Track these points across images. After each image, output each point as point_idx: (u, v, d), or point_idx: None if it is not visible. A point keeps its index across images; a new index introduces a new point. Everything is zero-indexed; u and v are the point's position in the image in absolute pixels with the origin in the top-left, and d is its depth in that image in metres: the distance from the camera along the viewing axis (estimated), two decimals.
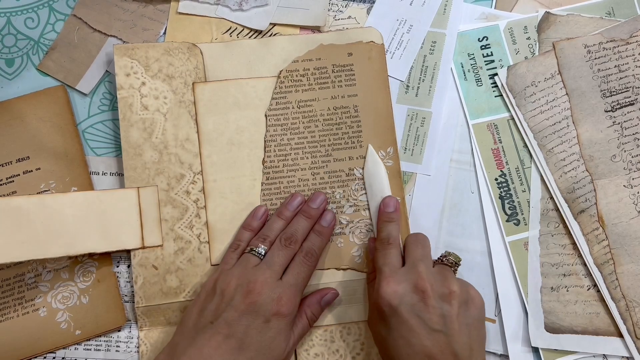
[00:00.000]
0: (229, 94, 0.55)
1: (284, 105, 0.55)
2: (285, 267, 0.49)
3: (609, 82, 0.56)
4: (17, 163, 0.54)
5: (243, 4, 0.58)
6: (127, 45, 0.55)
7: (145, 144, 0.54)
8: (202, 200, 0.54)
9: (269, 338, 0.46)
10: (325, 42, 0.56)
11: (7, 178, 0.54)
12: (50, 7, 0.59)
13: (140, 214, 0.53)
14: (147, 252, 0.53)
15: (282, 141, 0.55)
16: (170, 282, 0.52)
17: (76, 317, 0.52)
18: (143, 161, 0.54)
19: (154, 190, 0.53)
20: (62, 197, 0.51)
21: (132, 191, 0.53)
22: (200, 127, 0.55)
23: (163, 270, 0.52)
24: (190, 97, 0.55)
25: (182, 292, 0.52)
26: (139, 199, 0.53)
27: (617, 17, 0.58)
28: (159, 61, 0.55)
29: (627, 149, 0.55)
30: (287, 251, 0.50)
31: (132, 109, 0.54)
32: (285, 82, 0.55)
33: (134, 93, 0.54)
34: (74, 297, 0.53)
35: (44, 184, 0.54)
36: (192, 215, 0.53)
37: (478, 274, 0.54)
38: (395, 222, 0.51)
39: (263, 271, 0.48)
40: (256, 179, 0.54)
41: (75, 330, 0.52)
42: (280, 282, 0.48)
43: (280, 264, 0.49)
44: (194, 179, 0.54)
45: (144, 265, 0.52)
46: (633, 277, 0.52)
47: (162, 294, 0.52)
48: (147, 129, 0.54)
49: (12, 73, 0.57)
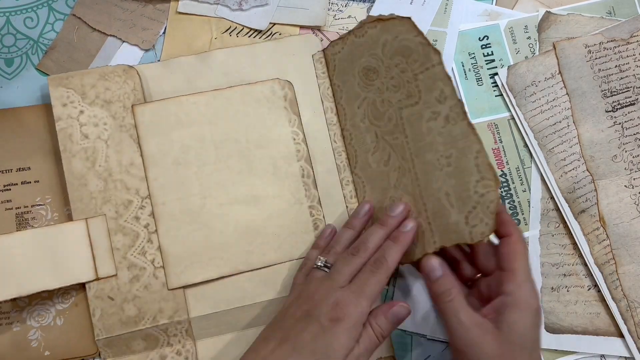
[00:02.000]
0: (170, 113, 0.54)
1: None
2: (354, 276, 0.46)
3: (610, 82, 0.55)
4: (18, 172, 0.54)
5: (243, 3, 0.58)
6: (61, 75, 0.54)
7: (89, 173, 0.53)
8: (152, 225, 0.53)
9: (324, 344, 0.42)
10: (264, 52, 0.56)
11: (4, 185, 0.54)
12: (50, 7, 0.58)
13: (90, 245, 0.52)
14: (101, 284, 0.51)
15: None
16: (128, 311, 0.51)
17: (48, 337, 0.52)
18: (89, 191, 0.52)
19: (103, 220, 0.52)
20: (7, 237, 0.50)
21: (80, 223, 0.52)
22: (144, 150, 0.53)
23: (120, 300, 0.51)
24: (130, 120, 0.54)
25: (142, 320, 0.51)
26: (87, 230, 0.52)
27: (618, 16, 0.57)
28: (95, 87, 0.54)
29: (628, 149, 0.55)
30: (354, 259, 0.46)
31: (72, 139, 0.53)
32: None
33: (72, 123, 0.53)
34: (50, 317, 0.52)
35: (39, 198, 0.54)
36: (144, 241, 0.52)
37: None
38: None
39: (323, 281, 0.46)
40: (206, 197, 0.53)
41: (45, 350, 0.52)
42: (341, 288, 0.45)
43: (345, 274, 0.45)
44: (142, 204, 0.53)
45: (100, 297, 0.51)
46: (634, 278, 0.52)
47: (122, 324, 0.51)
48: (89, 158, 0.53)
49: (11, 73, 0.57)
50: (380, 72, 0.53)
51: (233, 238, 0.53)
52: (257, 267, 0.53)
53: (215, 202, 0.53)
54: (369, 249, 0.47)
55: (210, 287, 0.53)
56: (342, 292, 0.44)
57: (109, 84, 0.54)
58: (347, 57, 0.55)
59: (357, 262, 0.46)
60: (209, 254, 0.53)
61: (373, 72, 0.53)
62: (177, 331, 0.52)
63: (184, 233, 0.53)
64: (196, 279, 0.52)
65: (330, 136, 0.56)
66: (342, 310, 0.43)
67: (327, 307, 0.43)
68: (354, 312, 0.43)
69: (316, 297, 0.45)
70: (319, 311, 0.43)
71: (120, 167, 0.53)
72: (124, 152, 0.53)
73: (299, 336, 0.43)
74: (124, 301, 0.52)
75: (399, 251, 0.46)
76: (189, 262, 0.52)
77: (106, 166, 0.53)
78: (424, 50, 0.49)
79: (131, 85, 0.54)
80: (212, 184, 0.54)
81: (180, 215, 0.53)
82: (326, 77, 0.56)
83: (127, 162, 0.53)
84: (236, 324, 0.53)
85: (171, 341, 0.52)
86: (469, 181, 0.47)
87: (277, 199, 0.54)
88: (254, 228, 0.53)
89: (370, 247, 0.47)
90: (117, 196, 0.53)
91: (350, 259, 0.46)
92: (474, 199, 0.46)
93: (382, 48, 0.52)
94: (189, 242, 0.53)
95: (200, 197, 0.53)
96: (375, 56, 0.53)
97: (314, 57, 0.57)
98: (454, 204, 0.47)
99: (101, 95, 0.54)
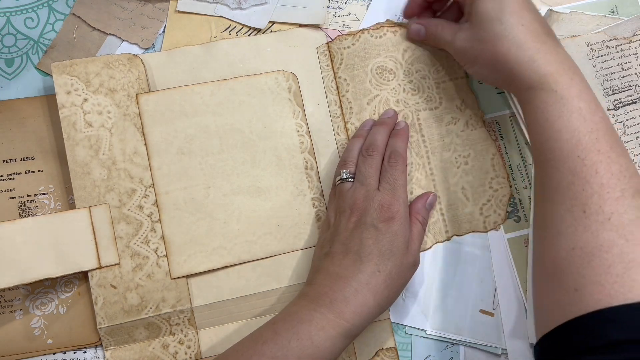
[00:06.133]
0: (175, 103, 0.54)
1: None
2: (379, 177, 0.50)
3: (612, 81, 0.56)
4: (22, 161, 0.54)
5: (242, 2, 0.57)
6: (65, 63, 0.54)
7: (93, 161, 0.53)
8: (156, 214, 0.53)
9: (386, 243, 0.46)
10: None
11: (8, 174, 0.54)
12: (50, 7, 0.58)
13: (94, 234, 0.52)
14: (104, 272, 0.52)
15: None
16: (131, 300, 0.51)
17: (51, 325, 0.52)
18: (92, 179, 0.53)
19: (106, 208, 0.52)
20: (11, 224, 0.51)
21: (83, 211, 0.52)
22: (148, 139, 0.54)
23: (122, 288, 0.51)
24: (134, 109, 0.54)
25: (144, 309, 0.51)
26: (91, 219, 0.52)
27: (621, 15, 0.58)
28: (100, 75, 0.54)
29: (630, 148, 0.55)
30: (372, 159, 0.50)
31: (75, 127, 0.53)
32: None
33: (76, 111, 0.53)
34: (52, 305, 0.53)
35: (42, 187, 0.54)
36: (147, 230, 0.52)
37: (478, 268, 0.54)
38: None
39: (358, 190, 0.49)
40: (210, 187, 0.54)
41: (48, 339, 0.52)
42: (377, 191, 0.48)
43: (371, 175, 0.49)
44: (145, 193, 0.53)
45: (103, 285, 0.51)
46: None
47: (124, 313, 0.51)
48: (93, 147, 0.53)
49: (11, 73, 0.57)
50: (397, 74, 0.56)
51: (236, 228, 0.53)
52: (260, 257, 0.53)
53: (219, 192, 0.54)
54: (380, 146, 0.51)
55: (214, 276, 0.53)
56: (380, 194, 0.48)
57: (113, 72, 0.54)
58: (358, 54, 0.56)
59: (376, 160, 0.50)
60: (213, 244, 0.53)
61: (389, 72, 0.56)
62: (179, 320, 0.52)
63: (187, 222, 0.53)
64: (199, 268, 0.52)
65: (333, 129, 0.56)
66: (390, 209, 0.47)
67: (375, 212, 0.47)
68: (399, 208, 0.47)
69: (359, 206, 0.48)
70: (370, 217, 0.47)
71: (124, 156, 0.53)
72: (127, 141, 0.54)
73: (361, 244, 0.46)
74: (126, 290, 0.52)
75: (405, 141, 0.52)
76: (192, 251, 0.53)
77: (110, 155, 0.53)
78: (449, 62, 0.56)
79: (135, 74, 0.55)
80: (216, 174, 0.54)
81: (184, 205, 0.53)
82: (330, 70, 0.57)
83: (131, 150, 0.53)
84: (239, 314, 0.53)
85: (173, 330, 0.52)
86: (485, 178, 0.55)
87: (281, 190, 0.54)
88: (257, 219, 0.54)
89: (380, 145, 0.51)
90: (121, 185, 0.53)
91: (370, 160, 0.50)
92: (488, 193, 0.55)
93: (402, 53, 0.57)
94: (193, 232, 0.53)
95: (204, 187, 0.54)
96: (394, 59, 0.56)
97: (318, 50, 0.57)
98: (470, 197, 0.55)
99: (105, 83, 0.54)
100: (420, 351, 0.54)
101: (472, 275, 0.54)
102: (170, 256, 0.52)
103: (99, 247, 0.52)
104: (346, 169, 0.51)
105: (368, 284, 0.45)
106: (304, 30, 0.58)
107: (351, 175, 0.50)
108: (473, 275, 0.54)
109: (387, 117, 0.54)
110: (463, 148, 0.56)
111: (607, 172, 0.41)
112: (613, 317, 0.37)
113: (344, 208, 0.49)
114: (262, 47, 0.57)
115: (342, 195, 0.50)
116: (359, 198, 0.48)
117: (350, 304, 0.44)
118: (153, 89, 0.55)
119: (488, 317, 0.53)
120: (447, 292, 0.54)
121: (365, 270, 0.45)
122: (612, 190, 0.41)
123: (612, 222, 0.40)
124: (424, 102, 0.56)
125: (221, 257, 0.53)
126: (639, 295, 0.37)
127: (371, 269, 0.45)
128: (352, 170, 0.51)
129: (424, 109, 0.56)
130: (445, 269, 0.54)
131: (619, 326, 0.37)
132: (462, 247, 0.55)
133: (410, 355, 0.53)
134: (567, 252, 0.41)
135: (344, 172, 0.51)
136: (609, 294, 0.38)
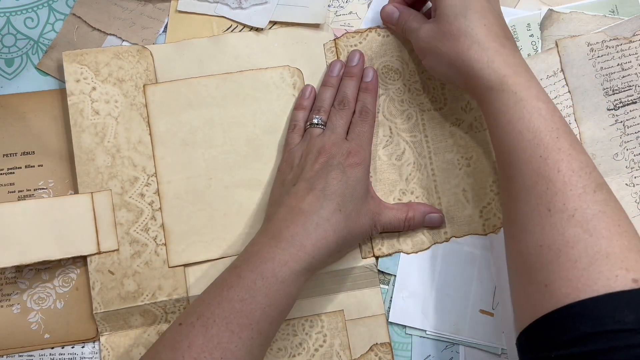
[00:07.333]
0: (181, 94, 0.55)
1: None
2: (347, 129, 0.53)
3: (612, 81, 0.56)
4: (22, 156, 0.55)
5: (242, 1, 0.58)
6: (76, 52, 0.55)
7: (98, 148, 0.54)
8: (157, 203, 0.53)
9: (350, 186, 0.49)
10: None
11: (8, 169, 0.55)
12: (50, 7, 0.58)
13: (94, 219, 0.52)
14: (103, 258, 0.52)
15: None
16: (128, 287, 0.52)
17: (48, 320, 0.52)
18: (96, 166, 0.53)
19: (108, 195, 0.53)
20: (12, 205, 0.51)
21: (85, 196, 0.53)
22: (153, 129, 0.55)
23: (120, 274, 0.52)
24: (141, 99, 0.55)
25: (141, 296, 0.52)
26: (93, 204, 0.52)
27: (621, 15, 0.58)
28: (109, 65, 0.55)
29: (630, 148, 0.55)
30: (343, 113, 0.53)
31: (83, 114, 0.54)
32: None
33: (84, 99, 0.54)
34: (50, 300, 0.53)
35: (42, 182, 0.55)
36: (147, 218, 0.53)
37: (478, 268, 0.54)
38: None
39: (329, 136, 0.51)
40: (211, 178, 0.54)
41: (45, 333, 0.52)
42: (346, 140, 0.52)
43: (341, 126, 0.52)
44: (148, 181, 0.54)
45: (101, 270, 0.52)
46: None
47: (121, 299, 0.51)
48: (98, 134, 0.54)
49: (11, 73, 0.57)
50: (404, 74, 0.57)
51: (236, 220, 0.54)
52: None
53: (221, 184, 0.54)
54: (351, 101, 0.54)
55: (211, 266, 0.53)
56: (348, 143, 0.51)
57: (122, 62, 0.56)
58: (364, 52, 0.57)
59: (347, 114, 0.53)
60: (212, 234, 0.53)
61: (395, 72, 0.57)
62: (175, 309, 0.52)
63: (187, 212, 0.53)
64: (197, 258, 0.53)
65: None
66: (357, 156, 0.50)
67: (342, 156, 0.50)
68: (365, 156, 0.51)
69: (327, 150, 0.50)
70: (336, 160, 0.49)
71: (129, 144, 0.54)
72: (133, 130, 0.54)
73: (326, 183, 0.48)
74: (124, 276, 0.52)
75: (374, 97, 0.55)
76: (191, 241, 0.53)
77: (115, 142, 0.54)
78: None
79: (144, 65, 0.56)
80: (218, 166, 0.54)
81: (185, 195, 0.54)
82: None
83: (136, 139, 0.54)
84: None
85: (169, 318, 0.52)
86: (487, 180, 0.55)
87: None
88: (257, 212, 0.54)
89: (351, 99, 0.54)
90: (124, 172, 0.53)
91: (342, 113, 0.53)
92: (489, 196, 0.55)
93: (409, 53, 0.57)
94: (192, 222, 0.53)
95: (206, 178, 0.54)
96: (401, 59, 0.57)
97: (325, 47, 0.58)
98: (470, 199, 0.55)
99: (114, 73, 0.55)
100: (420, 351, 0.53)
101: (472, 275, 0.54)
102: (169, 245, 0.53)
103: (99, 232, 0.52)
104: (319, 116, 0.53)
105: (329, 220, 0.47)
106: (312, 26, 0.58)
107: (323, 122, 0.53)
108: (473, 275, 0.54)
109: (354, 66, 0.56)
110: (466, 150, 0.56)
111: (568, 169, 0.42)
112: (581, 311, 0.38)
113: (312, 150, 0.51)
114: (269, 42, 0.58)
115: (312, 139, 0.52)
116: (328, 143, 0.51)
117: (311, 237, 0.46)
118: (160, 80, 0.56)
119: (488, 317, 0.53)
120: (447, 292, 0.54)
121: (328, 207, 0.47)
122: (574, 188, 0.42)
123: (576, 218, 0.41)
124: (429, 102, 0.57)
125: (219, 248, 0.53)
126: (603, 286, 0.38)
127: (333, 206, 0.47)
128: (324, 118, 0.53)
129: (428, 110, 0.57)
130: (444, 269, 0.54)
131: (586, 319, 0.38)
132: (461, 247, 0.54)
133: (410, 355, 0.53)
134: (536, 249, 0.42)
135: (317, 118, 0.53)
136: (576, 287, 0.39)
